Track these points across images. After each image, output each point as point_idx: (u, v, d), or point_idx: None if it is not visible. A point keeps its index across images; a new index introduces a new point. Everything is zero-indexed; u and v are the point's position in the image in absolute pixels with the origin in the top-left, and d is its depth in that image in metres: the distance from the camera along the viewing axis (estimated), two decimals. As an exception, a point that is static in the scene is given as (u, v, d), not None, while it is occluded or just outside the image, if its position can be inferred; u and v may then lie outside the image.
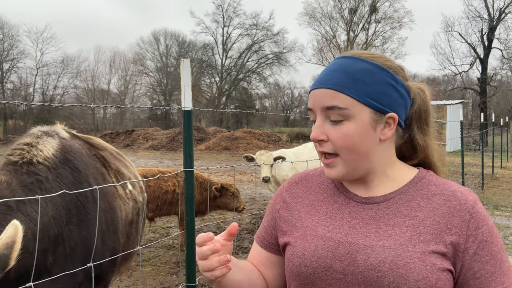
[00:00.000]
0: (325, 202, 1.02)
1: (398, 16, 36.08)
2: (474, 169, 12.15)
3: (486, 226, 0.90)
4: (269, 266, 1.09)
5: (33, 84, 40.95)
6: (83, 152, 2.16)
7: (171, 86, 46.01)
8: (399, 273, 0.85)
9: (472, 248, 0.88)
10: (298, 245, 0.98)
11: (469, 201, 0.91)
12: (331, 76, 0.94)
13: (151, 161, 17.94)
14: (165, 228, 6.62)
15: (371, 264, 0.87)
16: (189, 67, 2.08)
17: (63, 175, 1.92)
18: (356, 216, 0.95)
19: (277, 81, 50.08)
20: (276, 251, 1.08)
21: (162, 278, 4.54)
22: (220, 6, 43.80)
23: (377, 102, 0.92)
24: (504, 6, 31.60)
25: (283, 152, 6.35)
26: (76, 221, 1.89)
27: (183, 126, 2.15)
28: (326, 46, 38.09)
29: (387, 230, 0.91)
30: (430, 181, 0.97)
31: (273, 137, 26.51)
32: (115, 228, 2.12)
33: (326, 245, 0.94)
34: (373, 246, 0.89)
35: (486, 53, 32.94)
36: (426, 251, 0.86)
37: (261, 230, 1.13)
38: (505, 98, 43.60)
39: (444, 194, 0.93)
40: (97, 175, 2.14)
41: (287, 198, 1.09)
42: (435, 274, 0.85)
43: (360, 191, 0.99)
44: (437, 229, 0.89)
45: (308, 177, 1.11)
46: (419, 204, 0.93)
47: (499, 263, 0.88)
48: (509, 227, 6.68)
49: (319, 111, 0.94)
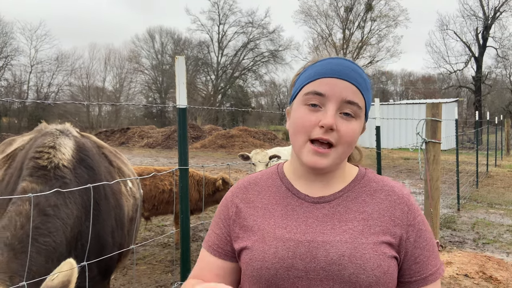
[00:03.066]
0: (279, 204, 1.03)
1: (393, 14, 36.19)
2: (468, 167, 12.20)
3: (420, 216, 1.01)
4: (224, 276, 1.06)
5: (27, 82, 40.66)
6: (94, 151, 2.25)
7: (167, 84, 45.85)
8: (357, 264, 0.91)
9: (412, 236, 0.98)
10: (257, 248, 0.98)
11: (405, 195, 1.02)
12: (353, 74, 0.97)
13: (146, 159, 17.89)
14: (160, 226, 6.61)
15: (332, 259, 0.92)
16: (184, 64, 2.06)
17: (80, 175, 2.03)
18: (310, 216, 0.99)
19: (273, 79, 50.19)
20: (232, 258, 1.06)
21: (157, 277, 4.53)
22: (215, 4, 43.68)
23: (368, 111, 1.04)
24: (499, 5, 31.76)
25: (278, 151, 6.35)
26: (92, 218, 1.97)
27: (178, 123, 2.14)
28: (322, 44, 38.12)
29: (341, 226, 0.97)
30: (370, 178, 1.06)
31: (268, 135, 26.50)
32: (122, 225, 2.21)
33: (286, 245, 0.96)
34: (331, 241, 0.94)
35: (481, 51, 33.07)
36: (377, 242, 0.95)
37: (213, 239, 1.09)
38: (499, 96, 43.86)
39: (384, 190, 1.03)
40: (106, 173, 2.24)
41: (239, 204, 1.08)
42: (387, 261, 0.94)
43: (313, 190, 1.03)
44: (383, 221, 0.98)
45: (257, 181, 1.11)
46: (365, 200, 1.01)
47: (432, 248, 1.00)
48: (503, 225, 6.72)
49: (336, 101, 0.95)
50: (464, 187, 9.69)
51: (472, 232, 6.27)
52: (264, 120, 44.74)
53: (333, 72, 0.96)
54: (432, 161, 3.79)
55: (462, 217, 7.22)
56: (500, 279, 4.28)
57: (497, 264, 4.74)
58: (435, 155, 3.79)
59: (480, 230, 6.39)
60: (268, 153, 5.99)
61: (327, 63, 0.99)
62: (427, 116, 3.82)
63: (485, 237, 6.02)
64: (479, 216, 7.26)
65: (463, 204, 8.15)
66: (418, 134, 3.66)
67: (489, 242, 5.77)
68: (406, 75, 59.33)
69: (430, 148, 3.77)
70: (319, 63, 1.00)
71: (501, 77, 42.24)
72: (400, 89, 57.48)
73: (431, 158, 3.79)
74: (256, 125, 37.32)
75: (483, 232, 6.28)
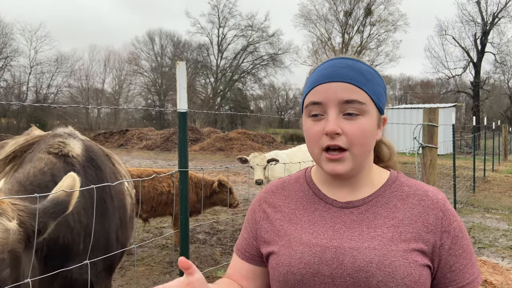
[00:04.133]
0: (306, 210, 1.03)
1: (392, 19, 36.32)
2: (466, 172, 12.25)
3: (456, 222, 0.96)
4: (252, 279, 1.08)
5: (26, 83, 40.68)
6: (100, 153, 2.34)
7: (166, 86, 45.89)
8: (386, 271, 0.88)
9: (447, 243, 0.94)
10: (283, 253, 0.98)
11: (440, 199, 0.97)
12: (346, 71, 0.95)
13: (145, 161, 17.90)
14: (158, 228, 6.63)
15: (359, 266, 0.90)
16: (185, 69, 2.11)
17: (89, 173, 2.11)
18: (338, 221, 0.97)
19: (272, 83, 50.17)
20: (259, 262, 1.08)
21: (155, 278, 4.56)
22: (215, 7, 43.82)
23: (380, 102, 0.98)
24: (497, 10, 31.94)
25: (277, 154, 6.37)
26: (99, 215, 2.03)
27: (178, 127, 2.18)
28: (321, 48, 38.22)
29: (369, 232, 0.94)
30: (402, 182, 1.02)
31: (267, 138, 26.52)
32: (125, 224, 2.28)
33: (312, 251, 0.95)
34: (359, 248, 0.92)
35: (479, 57, 33.22)
36: (408, 249, 0.91)
37: (242, 242, 1.12)
38: (497, 102, 44.00)
39: (417, 195, 0.98)
40: (111, 174, 2.32)
41: (266, 209, 1.08)
42: (418, 270, 0.90)
43: (340, 195, 1.01)
44: (415, 227, 0.94)
45: (285, 185, 1.11)
46: (396, 205, 0.97)
47: (469, 256, 0.95)
48: (499, 229, 6.76)
49: (334, 105, 0.93)
50: (461, 191, 9.74)
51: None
52: (263, 123, 44.77)
53: (325, 77, 0.96)
54: (428, 165, 3.83)
55: (459, 221, 7.26)
56: (495, 283, 4.32)
57: (492, 268, 4.78)
58: (431, 160, 3.84)
59: (476, 234, 6.44)
60: (266, 156, 6.02)
61: (320, 69, 0.98)
62: (424, 121, 3.87)
63: (481, 241, 6.07)
64: (476, 221, 7.31)
65: (460, 209, 8.20)
66: (415, 138, 3.71)
67: (485, 246, 5.82)
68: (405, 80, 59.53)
69: (427, 152, 3.81)
70: (315, 71, 1.00)
71: (499, 82, 42.42)
72: (399, 94, 57.65)
73: (428, 163, 3.83)
74: (255, 128, 37.35)
75: (479, 236, 6.33)
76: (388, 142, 1.09)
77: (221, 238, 6.13)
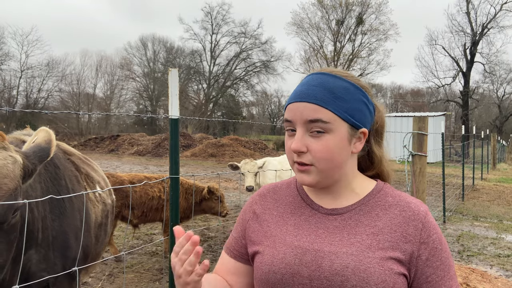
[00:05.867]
0: (293, 214, 1.07)
1: (383, 28, 36.74)
2: (455, 180, 12.37)
3: (436, 235, 0.98)
4: (237, 276, 1.13)
5: (17, 87, 40.32)
6: (59, 155, 2.30)
7: (158, 91, 45.80)
8: (361, 277, 0.92)
9: (424, 254, 0.96)
10: (267, 253, 1.03)
11: (421, 211, 1.00)
12: (314, 91, 0.98)
13: (136, 166, 17.79)
14: (148, 234, 6.59)
15: (336, 269, 0.94)
16: (177, 76, 2.12)
17: (48, 169, 2.09)
18: (321, 226, 1.02)
19: (265, 89, 50.45)
20: (245, 260, 1.13)
21: (145, 285, 4.52)
22: (209, 14, 44.00)
23: (354, 118, 0.99)
24: (487, 21, 32.45)
25: (268, 161, 6.39)
26: (57, 213, 2.01)
27: (170, 133, 2.19)
28: (313, 56, 38.50)
29: (349, 238, 0.98)
30: (387, 192, 1.05)
31: (259, 144, 26.57)
32: (88, 227, 2.24)
33: (294, 252, 0.99)
34: (337, 252, 0.96)
35: (468, 66, 33.67)
36: (384, 257, 0.94)
37: (231, 241, 1.17)
38: (486, 111, 44.63)
39: (399, 205, 1.01)
40: (71, 176, 2.28)
41: (257, 210, 1.14)
42: (393, 277, 0.93)
43: (326, 202, 1.06)
44: (394, 237, 0.97)
45: (276, 190, 1.16)
46: (378, 214, 1.01)
47: (447, 268, 0.97)
48: (487, 237, 6.83)
49: (301, 124, 0.98)
50: (450, 199, 9.83)
51: (457, 244, 6.36)
52: (255, 129, 44.83)
53: (296, 96, 1.00)
54: (418, 173, 3.87)
55: (448, 229, 7.33)
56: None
57: (481, 276, 4.82)
58: (421, 168, 3.88)
59: (465, 242, 6.49)
60: (257, 163, 6.04)
61: (299, 85, 1.03)
62: (414, 129, 3.91)
63: (469, 249, 6.12)
64: (465, 229, 7.38)
65: (449, 217, 8.27)
66: (405, 147, 3.75)
67: (473, 254, 5.87)
68: (396, 88, 60.25)
69: (416, 160, 3.85)
70: (297, 85, 1.04)
71: (488, 92, 43.06)
72: (389, 102, 58.23)
73: (417, 171, 3.87)
74: (247, 135, 37.36)
75: (468, 244, 6.38)
76: (378, 150, 1.11)
77: (212, 245, 6.11)
